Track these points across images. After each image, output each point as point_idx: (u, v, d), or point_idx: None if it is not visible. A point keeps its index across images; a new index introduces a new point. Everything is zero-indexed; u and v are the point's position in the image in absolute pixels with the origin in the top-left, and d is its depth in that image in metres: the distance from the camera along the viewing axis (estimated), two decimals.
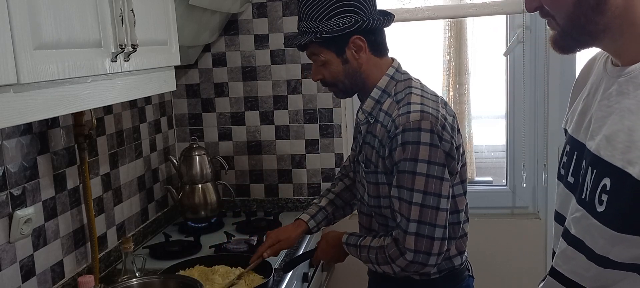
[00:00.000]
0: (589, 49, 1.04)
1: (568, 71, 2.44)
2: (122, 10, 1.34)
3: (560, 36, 1.01)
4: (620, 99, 0.96)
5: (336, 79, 1.65)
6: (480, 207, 2.65)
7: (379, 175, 1.61)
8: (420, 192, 1.50)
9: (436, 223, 1.51)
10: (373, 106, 1.64)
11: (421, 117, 1.51)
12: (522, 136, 2.57)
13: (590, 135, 1.01)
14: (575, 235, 1.01)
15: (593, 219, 0.96)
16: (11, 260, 1.62)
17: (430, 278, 1.63)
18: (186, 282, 1.82)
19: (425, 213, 1.51)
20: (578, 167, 1.04)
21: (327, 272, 2.54)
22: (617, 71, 0.99)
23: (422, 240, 1.51)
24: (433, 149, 1.50)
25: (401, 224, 1.53)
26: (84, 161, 1.89)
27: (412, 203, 1.51)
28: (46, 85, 1.13)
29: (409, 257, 1.52)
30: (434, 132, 1.51)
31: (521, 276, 2.58)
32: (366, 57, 1.62)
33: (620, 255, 0.93)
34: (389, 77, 1.64)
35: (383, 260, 1.57)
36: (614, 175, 0.92)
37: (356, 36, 1.58)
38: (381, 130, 1.59)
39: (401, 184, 1.53)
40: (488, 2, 2.43)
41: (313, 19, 1.58)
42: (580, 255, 1.00)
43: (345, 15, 1.56)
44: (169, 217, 2.58)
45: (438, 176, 1.51)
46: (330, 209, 1.91)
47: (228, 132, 2.71)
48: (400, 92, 1.61)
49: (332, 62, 1.63)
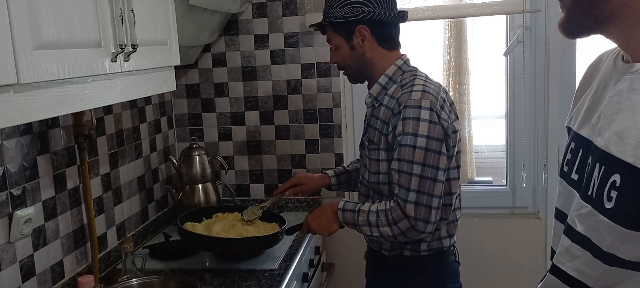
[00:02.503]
0: (594, 35, 1.02)
1: (568, 71, 2.44)
2: (122, 10, 1.35)
3: (566, 19, 1.01)
4: (631, 96, 0.94)
5: (345, 63, 1.84)
6: (480, 207, 2.65)
7: (381, 152, 1.75)
8: (420, 164, 1.64)
9: (434, 193, 1.65)
10: (379, 91, 1.80)
11: (422, 96, 1.66)
12: (522, 136, 2.57)
13: (598, 132, 1.00)
14: (580, 232, 1.00)
15: (600, 216, 0.94)
16: (11, 260, 1.62)
17: (420, 254, 1.78)
18: (186, 282, 1.83)
19: (424, 183, 1.64)
20: (583, 164, 1.03)
21: (327, 272, 2.54)
22: (627, 67, 0.98)
23: (421, 208, 1.64)
24: (432, 125, 1.64)
25: (400, 194, 1.66)
26: (84, 161, 1.89)
27: (412, 174, 1.64)
28: (46, 85, 1.13)
29: (411, 222, 1.65)
30: (433, 110, 1.65)
31: (521, 276, 2.58)
32: (370, 46, 1.78)
33: (628, 253, 0.92)
34: (396, 67, 1.80)
35: (385, 222, 1.69)
36: (624, 171, 0.90)
37: (361, 25, 1.76)
38: (385, 112, 1.75)
39: (401, 157, 1.66)
40: (488, 2, 2.43)
41: (332, 5, 1.79)
42: (586, 252, 0.98)
43: (356, 6, 1.75)
44: (169, 217, 2.58)
45: (436, 150, 1.65)
46: (353, 176, 2.08)
47: (228, 132, 2.71)
48: (406, 79, 1.76)
49: (341, 47, 1.82)
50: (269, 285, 1.87)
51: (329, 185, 2.09)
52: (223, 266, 2.03)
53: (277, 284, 1.88)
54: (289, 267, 2.00)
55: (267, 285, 1.87)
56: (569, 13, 1.00)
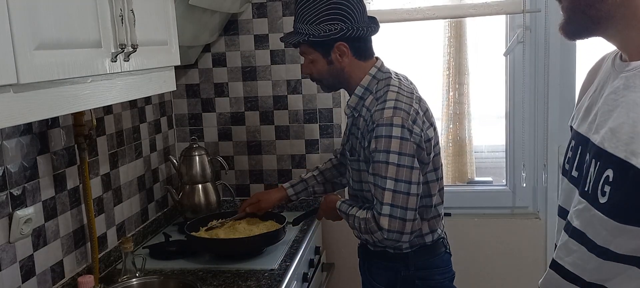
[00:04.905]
0: (593, 37, 1.04)
1: (568, 71, 2.44)
2: (122, 10, 1.34)
3: (566, 21, 1.03)
4: (626, 93, 0.96)
5: (322, 76, 1.88)
6: (480, 207, 2.65)
7: (361, 163, 1.83)
8: (392, 179, 1.69)
9: (408, 207, 1.70)
10: (357, 102, 1.85)
11: (394, 114, 1.71)
12: (522, 136, 2.57)
13: (595, 129, 1.01)
14: (577, 227, 1.02)
15: (595, 211, 0.96)
16: (11, 260, 1.62)
17: (402, 252, 1.85)
18: (186, 282, 1.83)
19: (397, 197, 1.69)
20: (582, 160, 1.05)
21: (327, 272, 2.54)
22: (624, 66, 1.00)
23: (395, 221, 1.70)
24: (403, 142, 1.70)
25: (376, 207, 1.72)
26: (84, 161, 1.89)
27: (385, 189, 1.70)
28: (46, 85, 1.13)
29: (384, 235, 1.71)
30: (404, 127, 1.70)
31: (521, 276, 2.58)
32: (349, 60, 1.82)
33: (621, 247, 0.94)
34: (371, 77, 1.84)
35: (364, 230, 1.77)
36: (616, 166, 0.92)
37: (340, 42, 1.79)
38: (363, 124, 1.80)
39: (376, 172, 1.72)
40: (488, 2, 2.43)
41: (305, 21, 1.79)
42: (581, 247, 1.01)
43: (334, 23, 1.77)
44: (169, 217, 2.58)
45: (408, 165, 1.70)
46: (311, 183, 2.18)
47: (228, 132, 2.71)
48: (380, 90, 1.80)
49: (318, 61, 1.84)
50: (269, 285, 1.87)
51: (288, 198, 2.19)
52: (223, 266, 2.03)
53: (277, 284, 1.88)
54: (289, 267, 2.00)
55: (267, 285, 1.87)
56: (568, 14, 1.01)
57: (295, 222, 2.17)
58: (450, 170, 2.74)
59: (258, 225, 2.22)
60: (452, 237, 2.05)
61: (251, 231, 2.17)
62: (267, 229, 2.16)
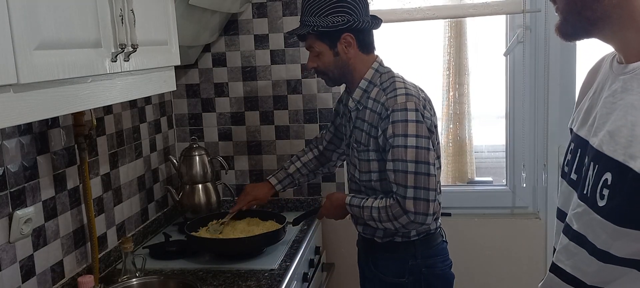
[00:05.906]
0: (590, 38, 1.03)
1: (568, 71, 2.44)
2: (122, 10, 1.34)
3: (561, 22, 1.02)
4: (624, 96, 0.96)
5: (327, 68, 1.93)
6: (480, 207, 2.65)
7: (370, 152, 1.87)
8: (413, 161, 1.75)
9: (429, 187, 1.76)
10: (361, 95, 1.91)
11: (407, 99, 1.79)
12: (522, 136, 2.57)
13: (594, 132, 1.01)
14: (577, 230, 1.01)
15: (594, 214, 0.96)
16: (11, 260, 1.62)
17: (410, 240, 1.89)
18: (186, 282, 1.83)
19: (419, 179, 1.75)
20: (581, 163, 1.05)
21: (327, 272, 2.54)
22: (622, 68, 0.99)
23: (420, 203, 1.76)
24: (418, 124, 1.77)
25: (399, 192, 1.77)
26: (84, 161, 1.89)
27: (408, 172, 1.75)
28: (46, 85, 1.13)
29: (410, 217, 1.76)
30: (418, 111, 1.78)
31: (521, 276, 2.58)
32: (354, 52, 1.89)
33: (620, 250, 0.94)
34: (374, 70, 1.91)
35: (386, 218, 1.80)
36: (615, 169, 0.92)
37: (347, 33, 1.86)
38: (371, 115, 1.86)
39: (395, 157, 1.77)
40: (488, 2, 2.43)
41: (313, 13, 1.87)
42: (582, 250, 1.00)
43: (340, 15, 1.84)
44: (169, 217, 2.58)
45: (425, 147, 1.77)
46: (296, 176, 2.26)
47: (228, 132, 2.71)
48: (386, 82, 1.87)
49: (325, 53, 1.91)
50: (269, 285, 1.87)
51: (276, 193, 2.28)
52: (223, 266, 2.03)
53: (277, 284, 1.88)
54: (289, 267, 2.00)
55: (267, 285, 1.87)
56: (564, 16, 1.01)
57: (295, 222, 2.19)
58: (450, 170, 2.74)
59: (258, 225, 2.23)
60: (452, 237, 2.06)
61: (251, 231, 2.18)
62: (267, 229, 2.17)
